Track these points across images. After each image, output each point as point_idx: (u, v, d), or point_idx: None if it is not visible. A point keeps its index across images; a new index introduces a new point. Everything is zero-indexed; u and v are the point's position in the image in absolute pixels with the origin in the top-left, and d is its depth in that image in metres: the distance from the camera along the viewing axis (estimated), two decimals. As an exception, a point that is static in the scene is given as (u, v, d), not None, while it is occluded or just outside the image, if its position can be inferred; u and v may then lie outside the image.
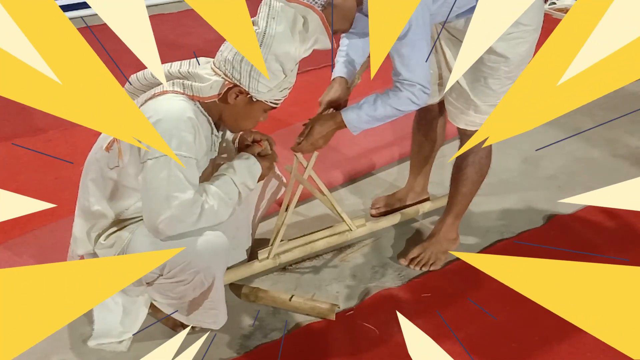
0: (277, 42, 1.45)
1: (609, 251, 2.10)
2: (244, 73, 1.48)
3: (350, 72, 1.93)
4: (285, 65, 1.48)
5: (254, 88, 1.50)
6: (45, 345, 1.74)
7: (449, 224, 2.09)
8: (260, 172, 1.66)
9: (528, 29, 1.74)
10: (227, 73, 1.49)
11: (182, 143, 1.46)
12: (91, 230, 1.66)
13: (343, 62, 1.93)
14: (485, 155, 1.99)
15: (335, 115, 1.79)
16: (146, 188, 1.47)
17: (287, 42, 1.46)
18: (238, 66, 1.47)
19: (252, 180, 1.64)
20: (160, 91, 1.52)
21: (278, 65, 1.47)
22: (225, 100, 1.53)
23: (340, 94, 1.89)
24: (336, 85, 1.90)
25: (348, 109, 1.78)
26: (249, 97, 1.53)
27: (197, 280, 1.57)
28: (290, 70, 1.51)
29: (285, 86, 1.53)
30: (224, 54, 1.50)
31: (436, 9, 1.67)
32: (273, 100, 1.54)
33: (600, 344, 1.72)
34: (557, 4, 4.37)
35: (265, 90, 1.50)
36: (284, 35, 1.45)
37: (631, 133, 2.89)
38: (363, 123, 1.77)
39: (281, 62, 1.47)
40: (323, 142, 1.84)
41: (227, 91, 1.52)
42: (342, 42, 1.95)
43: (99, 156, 1.61)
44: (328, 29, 1.50)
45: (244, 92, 1.51)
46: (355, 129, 1.79)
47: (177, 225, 1.48)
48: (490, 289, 1.92)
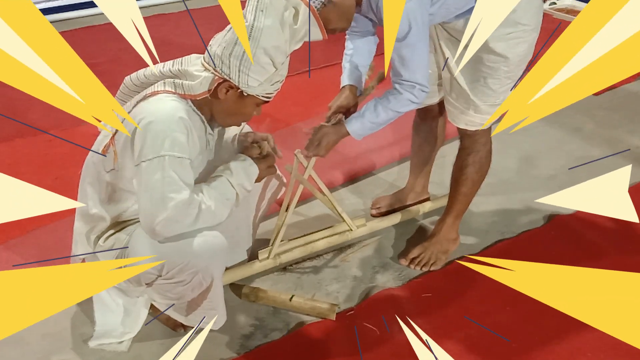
0: (265, 36, 1.42)
1: (610, 251, 2.10)
2: (233, 68, 1.45)
3: (357, 78, 1.94)
4: (275, 58, 1.46)
5: (244, 82, 1.47)
6: (46, 345, 1.74)
7: (449, 224, 2.09)
8: (257, 173, 1.66)
9: (527, 28, 1.74)
10: (217, 68, 1.47)
11: (175, 144, 1.45)
12: (90, 233, 1.66)
13: (350, 69, 1.93)
14: (485, 155, 1.99)
15: (340, 127, 1.82)
16: (141, 190, 1.47)
17: (276, 36, 1.43)
18: (227, 61, 1.45)
19: (249, 181, 1.63)
20: (152, 92, 1.51)
21: (267, 59, 1.45)
22: (216, 95, 1.51)
23: (350, 101, 1.90)
24: (347, 92, 1.91)
25: (351, 119, 1.80)
26: (240, 92, 1.50)
27: (196, 281, 1.57)
28: (280, 64, 1.48)
29: (277, 79, 1.51)
30: (212, 49, 1.48)
31: (435, 10, 1.68)
32: (264, 94, 1.52)
33: (600, 344, 1.73)
34: (557, 4, 4.37)
35: (256, 84, 1.48)
36: (273, 29, 1.42)
37: (631, 133, 2.89)
38: (367, 130, 1.81)
39: (270, 56, 1.44)
40: (326, 153, 1.88)
41: (217, 87, 1.49)
42: (346, 45, 1.95)
43: (96, 159, 1.61)
44: (319, 20, 1.49)
45: (234, 87, 1.49)
46: (359, 136, 1.83)
47: (174, 226, 1.48)
48: (490, 289, 1.92)
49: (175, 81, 1.51)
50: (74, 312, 1.85)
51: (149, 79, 1.57)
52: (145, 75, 1.57)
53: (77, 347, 1.75)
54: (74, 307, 1.86)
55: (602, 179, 0.84)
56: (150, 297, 1.73)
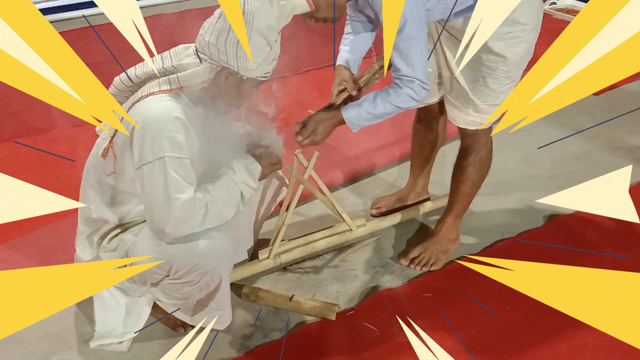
0: (257, 17, 1.43)
1: (610, 250, 2.10)
2: (230, 54, 1.45)
3: (352, 59, 1.93)
4: (269, 37, 1.46)
5: (243, 67, 1.47)
6: (46, 345, 1.74)
7: (449, 223, 2.09)
8: (260, 170, 1.65)
9: (526, 28, 1.74)
10: (213, 57, 1.47)
11: (174, 144, 1.45)
12: (94, 235, 1.66)
13: (346, 50, 1.94)
14: (485, 154, 1.99)
15: (336, 113, 1.79)
16: (145, 194, 1.47)
17: (267, 15, 1.44)
18: (223, 48, 1.45)
19: (253, 179, 1.63)
20: (147, 93, 1.50)
21: (262, 40, 1.45)
22: (215, 84, 1.51)
23: (345, 76, 1.89)
24: (340, 70, 1.91)
25: (348, 107, 1.78)
26: (240, 77, 1.50)
27: (204, 282, 1.58)
28: (274, 41, 1.48)
29: (272, 57, 1.51)
30: (205, 38, 1.47)
31: (432, 6, 1.67)
32: (263, 74, 1.52)
33: (600, 344, 1.73)
34: (557, 4, 4.36)
35: (254, 66, 1.48)
36: (263, 9, 1.43)
37: (631, 133, 2.89)
38: (363, 120, 1.77)
39: (265, 36, 1.45)
40: (322, 140, 1.84)
41: (216, 75, 1.50)
42: (345, 29, 1.96)
43: (96, 163, 1.61)
44: None
45: (234, 72, 1.49)
46: (355, 126, 1.78)
47: (183, 227, 1.48)
48: (490, 289, 1.92)
49: (170, 77, 1.51)
50: (74, 312, 1.85)
51: (141, 78, 1.56)
52: (137, 74, 1.56)
53: (78, 347, 1.75)
54: (74, 307, 1.86)
55: (603, 179, 0.84)
56: (155, 297, 1.73)
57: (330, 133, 1.82)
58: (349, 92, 1.88)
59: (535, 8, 1.75)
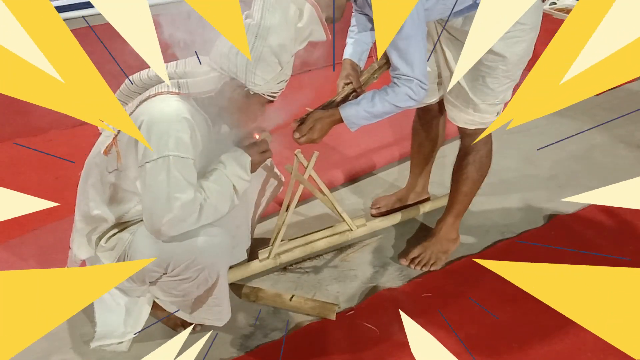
0: (272, 34, 1.43)
1: (610, 250, 2.10)
2: (240, 66, 1.46)
3: (359, 52, 1.93)
4: (281, 57, 1.46)
5: (251, 81, 1.48)
6: (46, 345, 1.74)
7: (449, 223, 2.09)
8: (250, 160, 1.64)
9: (525, 27, 1.74)
10: (224, 67, 1.47)
11: (179, 144, 1.45)
12: (92, 234, 1.66)
13: (352, 43, 1.94)
14: (485, 154, 1.99)
15: (334, 111, 1.79)
16: (146, 191, 1.47)
17: (283, 34, 1.44)
18: (234, 59, 1.45)
19: (244, 170, 1.62)
20: (156, 92, 1.51)
21: (274, 57, 1.46)
22: (222, 94, 1.52)
23: (350, 71, 1.89)
24: (347, 64, 1.92)
25: (346, 105, 1.78)
26: (247, 91, 1.51)
27: (202, 278, 1.58)
28: (286, 62, 1.49)
29: (282, 78, 1.52)
30: (219, 48, 1.48)
31: (431, 5, 1.67)
32: (270, 93, 1.52)
33: (600, 344, 1.72)
34: (557, 4, 4.36)
35: (262, 82, 1.48)
36: (279, 27, 1.43)
37: (632, 133, 2.89)
38: (361, 119, 1.77)
39: (277, 54, 1.45)
40: (319, 138, 1.84)
41: (223, 85, 1.50)
42: (351, 22, 1.96)
43: (98, 160, 1.61)
44: (323, 21, 1.50)
45: (242, 85, 1.50)
46: (353, 125, 1.78)
47: (179, 226, 1.48)
48: (490, 289, 1.93)
49: (180, 81, 1.52)
50: (74, 312, 1.85)
51: (152, 80, 1.57)
52: (149, 76, 1.57)
53: (77, 347, 1.75)
54: (74, 307, 1.86)
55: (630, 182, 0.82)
56: (154, 295, 1.73)
57: (328, 131, 1.82)
58: (353, 86, 1.88)
59: (534, 8, 1.75)
